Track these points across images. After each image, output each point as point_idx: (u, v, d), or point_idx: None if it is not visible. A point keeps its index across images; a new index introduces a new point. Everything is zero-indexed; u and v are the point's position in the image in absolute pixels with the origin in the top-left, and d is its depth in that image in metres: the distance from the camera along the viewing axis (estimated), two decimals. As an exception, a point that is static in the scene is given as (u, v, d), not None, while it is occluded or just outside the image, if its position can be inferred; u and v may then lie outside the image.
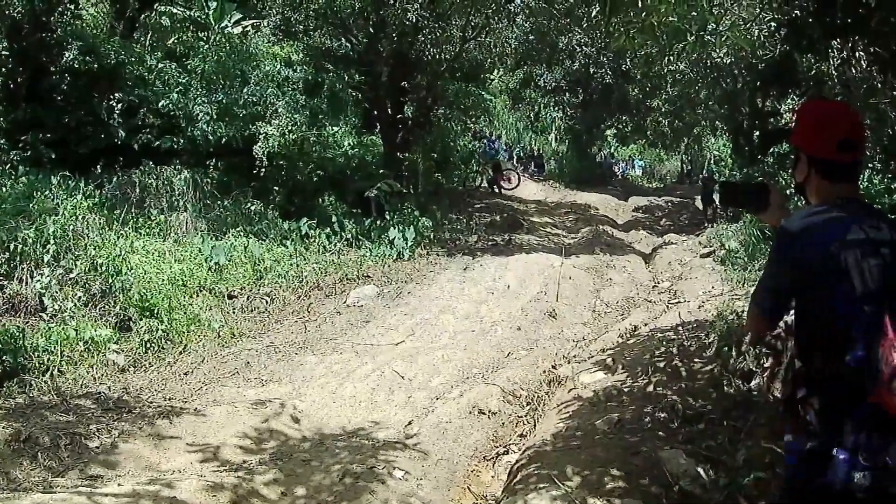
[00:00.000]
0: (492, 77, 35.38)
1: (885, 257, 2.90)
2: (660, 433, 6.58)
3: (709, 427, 6.53)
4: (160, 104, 17.86)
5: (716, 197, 21.71)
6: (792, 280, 3.08)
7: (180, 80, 18.93)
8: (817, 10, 7.05)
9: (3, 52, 16.90)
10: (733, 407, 6.80)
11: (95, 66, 17.53)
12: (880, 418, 2.76)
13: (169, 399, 8.98)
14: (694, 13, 9.08)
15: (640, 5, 9.18)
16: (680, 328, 9.88)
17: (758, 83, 20.19)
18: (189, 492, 5.98)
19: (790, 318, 3.33)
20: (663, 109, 30.97)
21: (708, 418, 6.69)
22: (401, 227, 17.73)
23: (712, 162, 32.41)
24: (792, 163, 3.44)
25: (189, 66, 19.76)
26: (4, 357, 8.83)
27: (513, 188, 30.00)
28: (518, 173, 28.86)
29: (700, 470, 5.66)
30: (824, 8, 6.92)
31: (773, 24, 9.80)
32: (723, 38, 14.11)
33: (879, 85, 7.59)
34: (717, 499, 5.38)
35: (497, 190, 29.17)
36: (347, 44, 22.34)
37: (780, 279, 3.17)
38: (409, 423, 8.54)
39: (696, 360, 8.44)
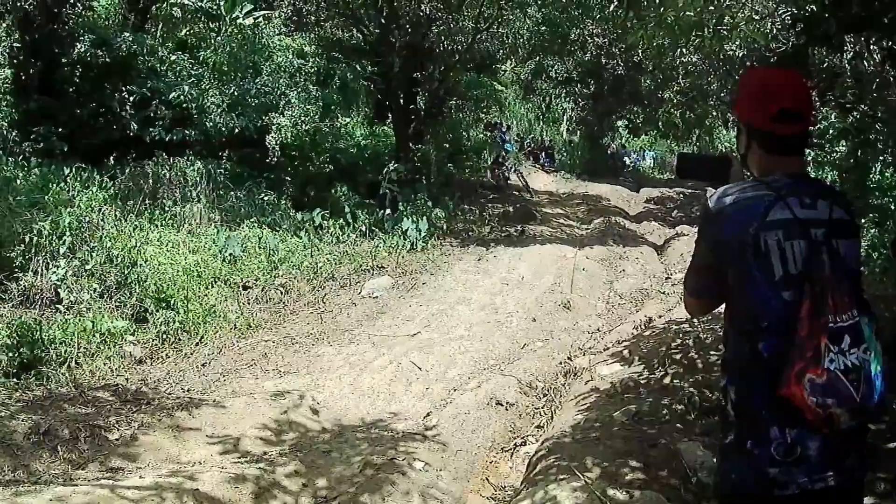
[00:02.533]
0: (504, 68, 35.37)
1: (813, 239, 2.76)
2: (677, 425, 6.61)
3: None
4: (172, 96, 17.85)
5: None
6: (713, 259, 2.98)
7: (192, 72, 18.95)
8: (833, 5, 7.00)
9: (15, 45, 16.94)
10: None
11: (107, 57, 17.52)
12: (794, 412, 2.65)
13: (187, 390, 8.98)
14: (711, 7, 9.07)
15: (657, 1, 9.18)
16: (695, 320, 9.82)
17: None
18: (211, 484, 5.96)
19: None
20: (675, 101, 30.94)
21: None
22: (414, 218, 17.69)
23: (723, 153, 32.26)
24: (736, 134, 3.34)
25: (201, 58, 19.77)
26: (22, 349, 8.81)
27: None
28: (521, 175, 28.12)
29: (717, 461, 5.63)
30: (840, 3, 6.86)
31: (788, 18, 9.77)
32: (738, 32, 14.11)
33: (892, 79, 7.56)
34: None
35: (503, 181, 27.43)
36: (359, 35, 22.36)
37: (702, 258, 3.07)
38: (428, 415, 8.53)
39: (712, 352, 8.44)
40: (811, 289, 2.67)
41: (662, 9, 9.48)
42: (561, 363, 9.87)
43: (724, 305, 3.06)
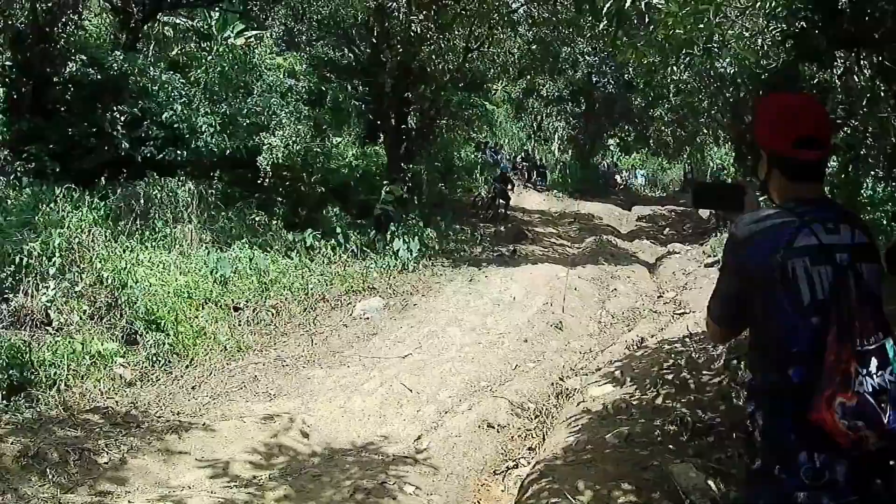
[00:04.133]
0: (495, 88, 35.47)
1: (838, 264, 2.73)
2: (670, 446, 6.53)
3: (718, 440, 6.47)
4: (164, 116, 17.88)
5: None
6: (738, 287, 2.95)
7: (183, 92, 18.95)
8: (823, 21, 7.03)
9: (7, 63, 16.91)
10: (742, 420, 6.75)
11: (99, 77, 17.59)
12: (823, 437, 2.62)
13: (177, 413, 8.94)
14: (700, 25, 9.08)
15: (647, 20, 9.19)
16: (687, 339, 9.85)
17: (760, 92, 20.18)
18: (201, 509, 5.93)
19: None
20: (666, 119, 31.03)
21: (717, 431, 6.63)
22: (405, 239, 17.73)
23: (715, 171, 32.36)
24: (753, 160, 3.33)
25: (192, 78, 19.78)
26: (11, 371, 8.78)
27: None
28: (514, 180, 28.37)
29: (710, 483, 5.61)
30: (831, 19, 6.89)
31: (778, 35, 9.78)
32: (728, 50, 14.11)
33: (882, 94, 7.58)
34: None
35: (503, 209, 26.70)
36: (351, 54, 22.48)
37: (727, 285, 3.04)
38: (419, 438, 8.50)
39: (704, 372, 8.41)
40: (838, 314, 2.66)
41: (652, 27, 9.50)
42: (553, 384, 9.85)
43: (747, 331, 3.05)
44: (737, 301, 2.98)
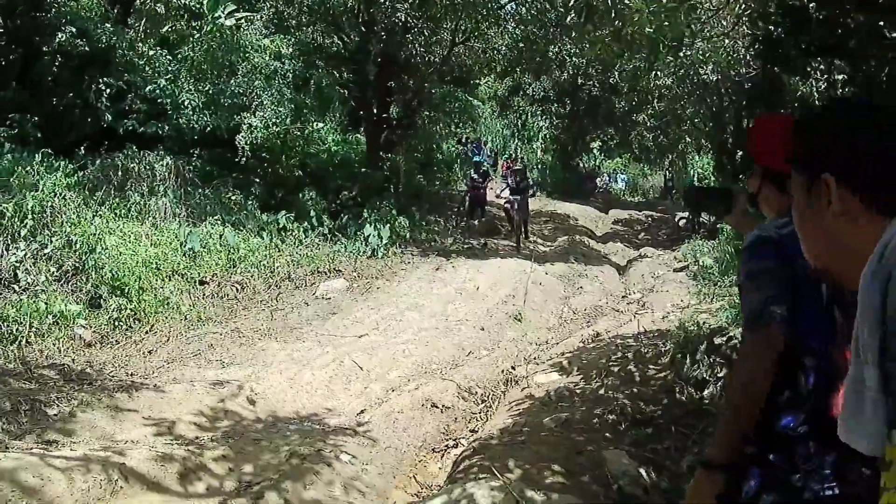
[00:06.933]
0: (480, 83, 35.60)
1: None
2: (606, 434, 6.74)
3: (657, 432, 6.66)
4: (147, 89, 18.08)
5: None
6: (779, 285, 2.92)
7: (170, 68, 19.14)
8: (792, 29, 7.21)
9: (-4, 32, 17.08)
10: (684, 414, 6.92)
11: (87, 48, 17.69)
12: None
13: (130, 374, 9.23)
14: (666, 24, 9.27)
15: (613, 14, 9.42)
16: (641, 336, 10.06)
17: (744, 102, 20.40)
18: (139, 460, 6.20)
19: None
20: (649, 124, 31.23)
21: (657, 423, 6.82)
22: (377, 225, 17.96)
23: (695, 179, 32.51)
24: (736, 172, 3.57)
25: (179, 55, 19.95)
26: (-28, 325, 9.04)
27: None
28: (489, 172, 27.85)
29: (642, 472, 5.80)
30: (799, 27, 7.08)
31: (748, 39, 9.96)
32: (702, 53, 14.28)
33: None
34: (656, 502, 5.52)
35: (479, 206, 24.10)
36: (339, 41, 22.57)
37: (776, 283, 2.95)
38: (362, 412, 8.74)
39: (651, 366, 8.56)
40: (845, 312, 2.79)
41: (618, 22, 9.66)
42: (503, 372, 10.01)
43: None
44: (787, 298, 2.95)
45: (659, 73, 19.85)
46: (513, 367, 10.17)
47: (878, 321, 1.42)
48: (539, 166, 38.50)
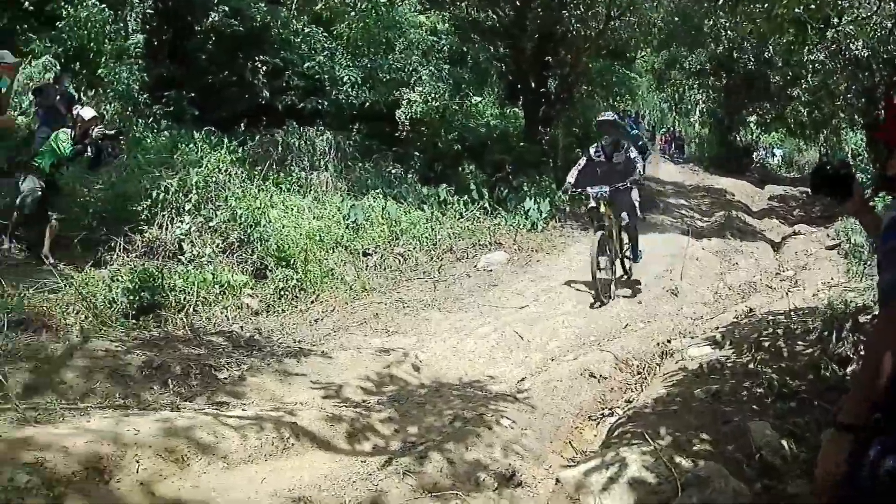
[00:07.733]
0: (637, 56, 35.05)
1: None
2: (753, 406, 6.63)
3: (800, 406, 6.54)
4: (305, 66, 18.29)
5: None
6: None
7: (326, 45, 19.32)
8: None
9: (148, 11, 17.45)
10: (826, 390, 6.78)
11: (241, 28, 18.01)
12: None
13: (298, 342, 9.29)
14: (813, 6, 8.96)
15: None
16: (792, 313, 9.76)
17: (894, 79, 19.61)
18: (309, 420, 6.21)
19: None
20: (803, 99, 30.31)
21: (801, 398, 6.69)
22: (537, 199, 17.80)
23: (849, 156, 31.42)
24: (883, 157, 3.34)
25: (335, 32, 20.12)
26: (143, 293, 9.17)
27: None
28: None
29: (784, 443, 5.74)
30: None
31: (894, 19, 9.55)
32: (850, 31, 13.75)
33: None
34: (795, 472, 5.44)
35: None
36: (494, 16, 22.45)
37: None
38: (522, 380, 8.64)
39: (799, 342, 8.35)
40: None
41: (767, 4, 9.40)
42: (659, 344, 9.78)
43: None
44: None
45: (811, 47, 19.21)
46: (669, 341, 9.95)
47: None
48: (697, 140, 37.83)
